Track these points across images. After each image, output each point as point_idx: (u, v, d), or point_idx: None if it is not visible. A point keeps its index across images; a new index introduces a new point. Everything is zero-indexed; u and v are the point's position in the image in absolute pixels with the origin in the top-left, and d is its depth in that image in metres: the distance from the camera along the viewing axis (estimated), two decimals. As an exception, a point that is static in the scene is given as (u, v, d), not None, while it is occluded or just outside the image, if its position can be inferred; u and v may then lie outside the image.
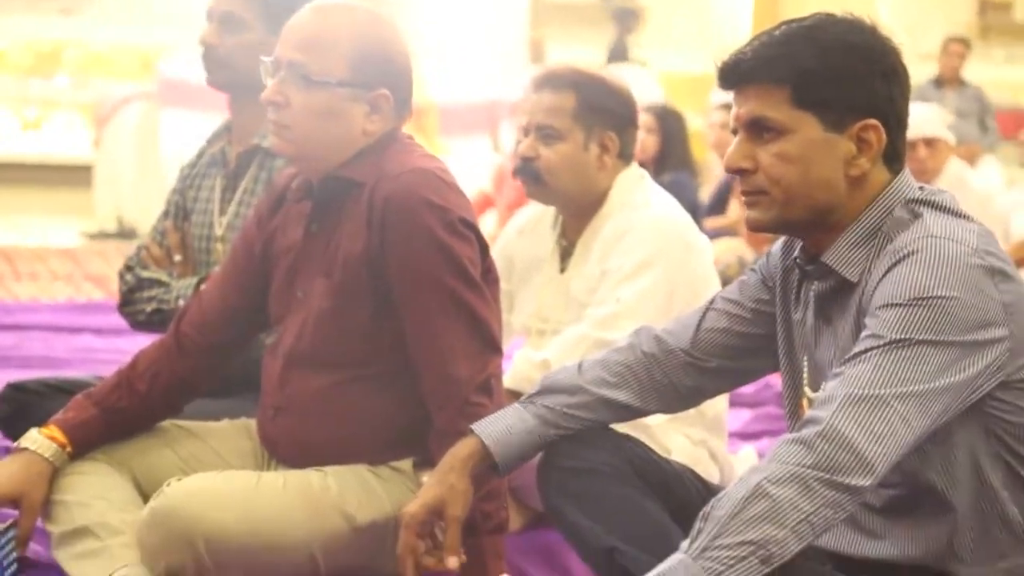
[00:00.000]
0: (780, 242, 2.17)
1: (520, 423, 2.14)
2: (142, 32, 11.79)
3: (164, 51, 10.74)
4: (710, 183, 8.01)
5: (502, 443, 2.12)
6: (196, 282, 2.93)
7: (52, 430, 2.43)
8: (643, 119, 5.03)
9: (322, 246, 2.42)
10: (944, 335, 1.82)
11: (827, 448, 1.77)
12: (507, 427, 2.13)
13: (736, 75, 1.99)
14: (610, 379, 2.18)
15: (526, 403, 2.17)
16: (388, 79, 2.40)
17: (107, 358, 4.85)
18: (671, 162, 6.90)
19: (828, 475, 1.76)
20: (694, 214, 6.01)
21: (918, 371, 1.81)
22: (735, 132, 2.01)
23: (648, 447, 2.22)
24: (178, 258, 3.06)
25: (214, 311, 2.53)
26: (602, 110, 2.99)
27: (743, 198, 2.03)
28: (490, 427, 2.13)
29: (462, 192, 2.42)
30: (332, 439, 2.39)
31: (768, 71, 1.95)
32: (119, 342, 5.19)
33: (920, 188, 1.99)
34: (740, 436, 4.06)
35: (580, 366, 2.21)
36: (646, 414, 2.23)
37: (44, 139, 11.92)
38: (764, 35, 2.00)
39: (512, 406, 2.18)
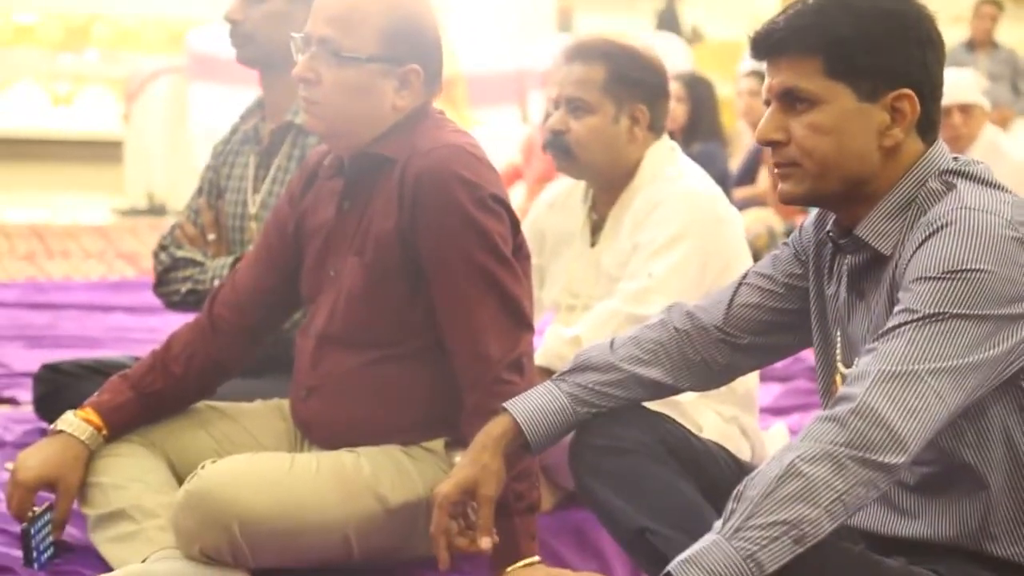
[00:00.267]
0: (813, 215, 2.15)
1: (552, 401, 2.13)
2: (171, 5, 11.81)
3: (193, 25, 10.75)
4: (739, 152, 7.97)
5: (534, 422, 2.11)
6: (231, 262, 2.93)
7: (88, 412, 2.44)
8: (672, 88, 4.99)
9: (354, 224, 2.41)
10: (978, 309, 1.80)
11: (860, 425, 1.75)
12: (539, 405, 2.12)
13: (768, 45, 1.97)
14: (643, 356, 2.17)
15: (558, 381, 2.16)
16: (418, 54, 2.39)
17: (140, 337, 4.88)
18: (701, 131, 6.86)
19: (861, 453, 1.74)
20: (723, 184, 6.00)
21: (952, 346, 1.79)
22: (767, 103, 1.99)
23: (680, 424, 2.21)
24: (212, 237, 3.06)
25: (248, 291, 2.53)
26: (633, 82, 2.97)
27: (775, 170, 2.01)
28: (522, 406, 2.13)
29: (493, 168, 2.42)
30: (365, 419, 2.40)
31: (800, 41, 1.93)
32: (152, 320, 5.22)
33: (954, 159, 1.97)
34: (771, 411, 4.05)
35: (612, 343, 2.19)
36: (679, 391, 2.22)
37: (75, 114, 11.97)
38: (797, 4, 1.97)
39: (544, 384, 2.17)
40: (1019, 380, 1.88)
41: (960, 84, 5.23)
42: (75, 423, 2.43)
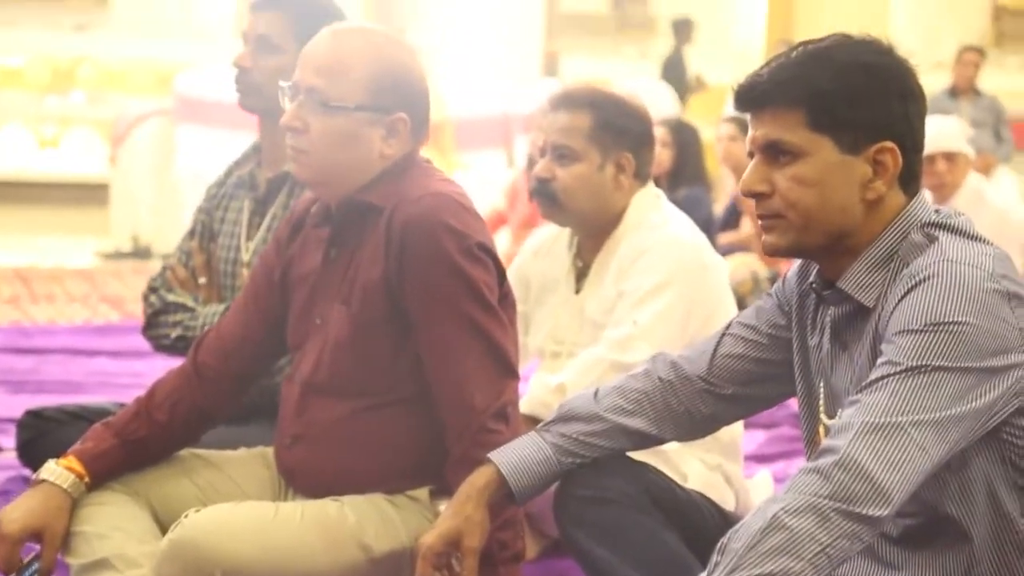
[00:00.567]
0: (796, 267, 2.16)
1: (537, 452, 2.13)
2: (157, 48, 11.83)
3: (180, 68, 10.77)
4: (723, 197, 8.00)
5: (519, 472, 2.11)
6: (223, 310, 2.91)
7: (70, 461, 2.43)
8: (658, 133, 5.01)
9: (340, 272, 2.42)
10: (961, 361, 1.81)
11: (844, 478, 1.76)
12: (524, 456, 2.13)
13: (751, 98, 1.98)
14: (627, 406, 2.17)
15: (542, 431, 2.17)
16: (405, 103, 2.40)
17: (124, 382, 4.87)
18: (686, 176, 6.89)
19: (845, 505, 1.75)
20: (708, 229, 6.02)
21: (935, 398, 1.80)
22: (751, 155, 2.01)
23: (664, 474, 2.22)
24: (203, 280, 3.04)
25: (234, 339, 2.52)
26: (618, 130, 2.99)
27: (759, 222, 2.02)
28: (507, 456, 2.13)
29: (480, 216, 2.42)
30: (350, 467, 2.39)
31: (783, 94, 1.95)
32: (136, 365, 5.21)
33: (936, 211, 1.99)
34: (755, 459, 4.05)
35: (596, 393, 2.20)
36: (663, 442, 2.22)
37: (61, 157, 11.95)
38: (780, 57, 1.99)
39: (528, 434, 2.17)
40: (1001, 432, 1.89)
41: (945, 132, 5.27)
42: (57, 472, 2.41)
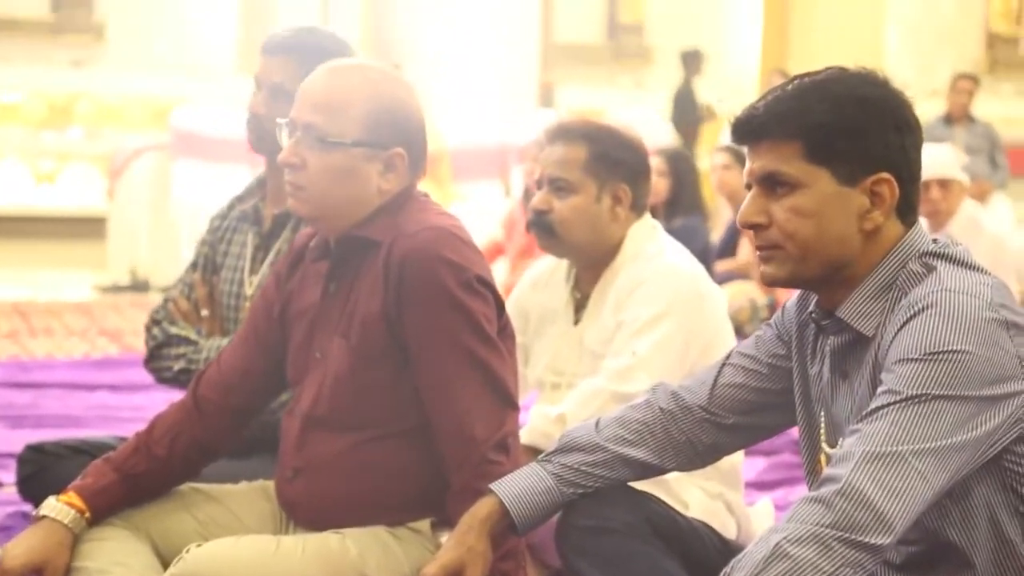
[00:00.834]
0: (795, 297, 2.17)
1: (538, 483, 2.14)
2: (154, 84, 11.86)
3: (176, 103, 10.80)
4: (720, 226, 8.03)
5: (520, 503, 2.12)
6: (227, 344, 2.91)
7: (71, 496, 2.43)
8: (654, 162, 5.04)
9: (340, 306, 2.42)
10: (960, 390, 1.82)
11: (845, 507, 1.77)
12: (525, 487, 2.13)
13: (749, 130, 2.00)
14: (628, 436, 2.18)
15: (544, 462, 2.18)
16: (402, 138, 2.41)
17: (124, 415, 4.87)
18: (683, 205, 6.92)
19: (847, 534, 1.75)
20: (705, 257, 6.04)
21: (935, 427, 1.81)
22: (749, 187, 2.02)
23: (665, 503, 2.22)
24: (205, 313, 3.05)
25: (234, 373, 2.53)
26: (614, 162, 3.01)
27: (758, 253, 2.03)
28: (508, 487, 2.13)
29: (477, 249, 2.43)
30: (351, 500, 2.39)
31: (780, 127, 1.96)
32: (135, 399, 5.22)
33: (934, 241, 2.00)
34: (755, 486, 4.04)
35: (597, 423, 2.21)
36: (664, 471, 2.23)
37: (58, 192, 11.97)
38: (776, 90, 2.01)
39: (530, 465, 2.18)
40: (1002, 460, 1.89)
41: (939, 159, 5.30)
42: (58, 508, 2.41)
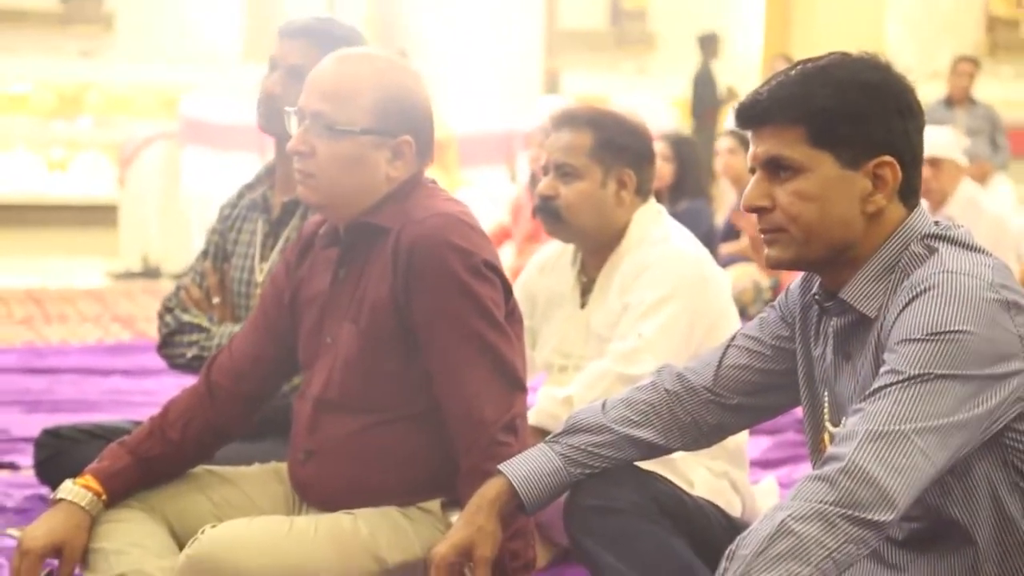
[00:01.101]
0: (799, 278, 2.20)
1: (546, 463, 2.17)
2: (162, 73, 11.89)
3: (185, 91, 10.84)
4: (724, 208, 8.05)
5: (529, 483, 2.15)
6: (238, 331, 2.94)
7: (87, 479, 2.46)
8: (658, 147, 5.06)
9: (349, 292, 2.45)
10: (962, 369, 1.85)
11: (849, 484, 1.79)
12: (533, 468, 2.16)
13: (753, 115, 2.02)
14: (634, 417, 2.21)
15: (551, 443, 2.20)
16: (410, 125, 2.44)
17: (137, 400, 4.91)
18: (687, 189, 6.95)
19: (850, 511, 1.78)
20: (710, 241, 6.06)
21: (937, 406, 1.84)
22: (753, 171, 2.04)
23: (672, 482, 2.25)
24: (216, 300, 3.08)
25: (246, 359, 2.56)
26: (619, 147, 3.03)
27: (762, 236, 2.06)
28: (517, 467, 2.16)
29: (485, 234, 2.46)
30: (362, 482, 2.42)
31: (783, 111, 1.98)
32: (148, 383, 5.26)
33: (936, 223, 2.02)
34: (760, 464, 4.08)
35: (604, 405, 2.24)
36: (670, 451, 2.25)
37: (70, 180, 12.02)
38: (780, 75, 2.03)
39: (538, 446, 2.21)
40: (1004, 437, 1.92)
41: (930, 139, 5.31)
42: (75, 491, 2.45)
